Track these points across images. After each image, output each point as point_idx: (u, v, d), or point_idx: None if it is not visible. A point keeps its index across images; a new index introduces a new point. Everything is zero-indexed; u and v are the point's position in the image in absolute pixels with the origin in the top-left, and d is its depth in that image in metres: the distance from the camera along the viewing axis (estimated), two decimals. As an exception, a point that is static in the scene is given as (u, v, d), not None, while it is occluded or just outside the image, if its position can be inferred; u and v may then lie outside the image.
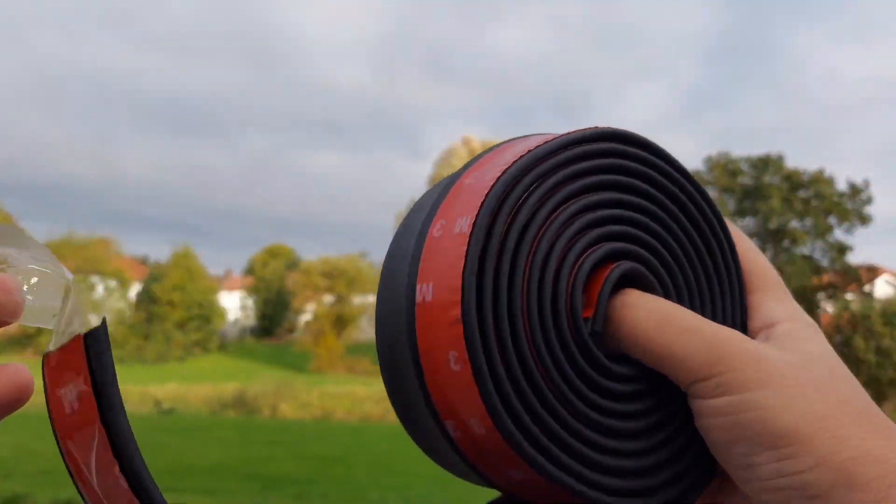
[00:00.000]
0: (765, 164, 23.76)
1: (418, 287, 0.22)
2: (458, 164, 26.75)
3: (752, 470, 0.19)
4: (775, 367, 0.20)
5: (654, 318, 0.21)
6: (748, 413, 0.19)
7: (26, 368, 0.23)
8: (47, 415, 0.22)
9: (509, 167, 0.22)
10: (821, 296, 22.91)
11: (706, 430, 0.21)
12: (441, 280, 0.21)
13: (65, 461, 0.23)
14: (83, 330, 0.22)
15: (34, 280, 0.24)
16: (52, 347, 0.23)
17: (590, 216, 0.23)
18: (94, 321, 0.22)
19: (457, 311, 0.21)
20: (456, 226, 0.22)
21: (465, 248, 0.21)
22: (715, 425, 0.20)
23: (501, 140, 0.29)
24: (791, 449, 0.19)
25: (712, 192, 25.65)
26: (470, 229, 0.21)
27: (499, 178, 0.22)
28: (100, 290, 27.01)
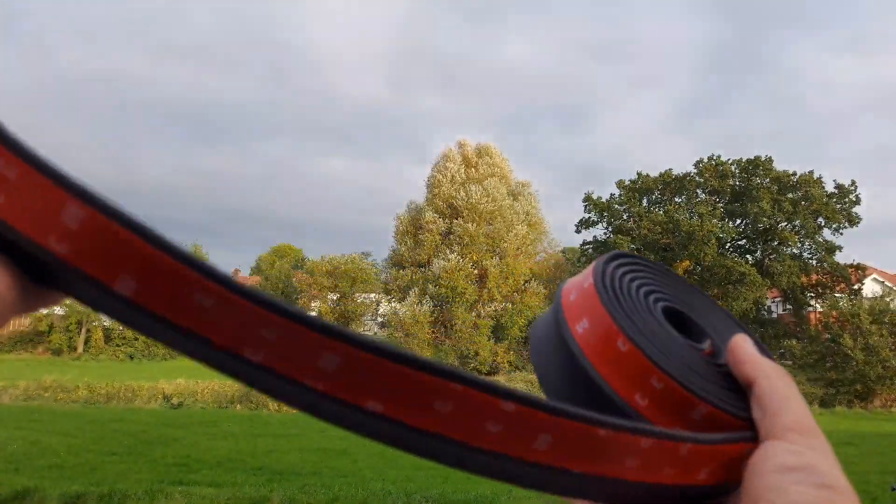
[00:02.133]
0: (754, 166, 23.74)
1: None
2: (452, 167, 26.60)
3: (792, 495, 0.26)
4: (836, 461, 0.29)
5: (799, 395, 0.32)
6: (821, 465, 0.28)
7: None
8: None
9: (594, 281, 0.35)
10: (810, 295, 22.91)
11: (776, 456, 0.28)
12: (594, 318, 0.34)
13: None
14: None
15: None
16: None
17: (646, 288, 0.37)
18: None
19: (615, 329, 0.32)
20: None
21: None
22: (791, 459, 0.28)
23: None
24: (832, 492, 0.27)
25: (702, 195, 25.34)
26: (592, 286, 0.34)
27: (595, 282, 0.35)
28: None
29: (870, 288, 23.12)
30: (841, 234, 23.04)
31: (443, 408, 0.23)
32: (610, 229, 24.48)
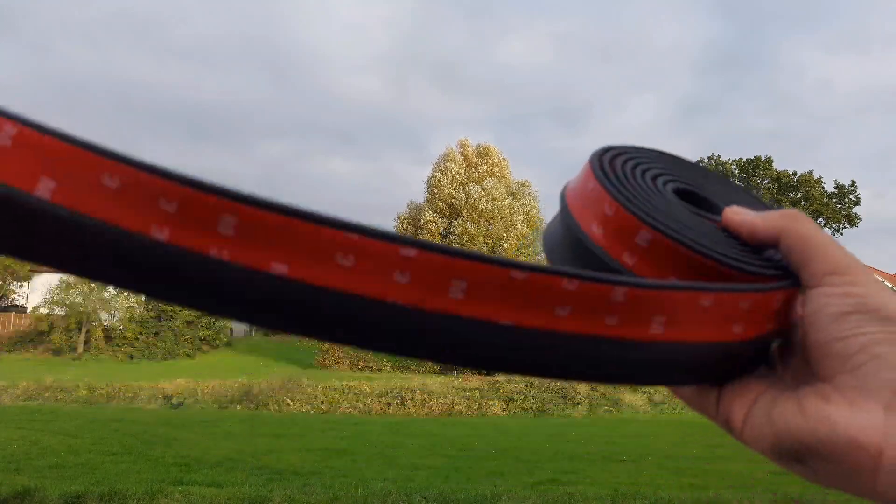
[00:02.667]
0: (754, 166, 23.77)
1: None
2: (453, 167, 26.61)
3: (859, 337, 0.26)
4: (882, 286, 0.28)
5: (823, 234, 0.30)
6: (871, 299, 0.26)
7: None
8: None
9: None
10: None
11: (826, 305, 0.27)
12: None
13: None
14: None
15: None
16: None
17: (660, 176, 0.36)
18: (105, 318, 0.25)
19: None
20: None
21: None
22: (840, 302, 0.27)
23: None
24: None
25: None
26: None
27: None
28: (111, 288, 27.30)
29: (870, 288, 23.16)
30: (841, 234, 23.12)
31: (344, 261, 0.21)
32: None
